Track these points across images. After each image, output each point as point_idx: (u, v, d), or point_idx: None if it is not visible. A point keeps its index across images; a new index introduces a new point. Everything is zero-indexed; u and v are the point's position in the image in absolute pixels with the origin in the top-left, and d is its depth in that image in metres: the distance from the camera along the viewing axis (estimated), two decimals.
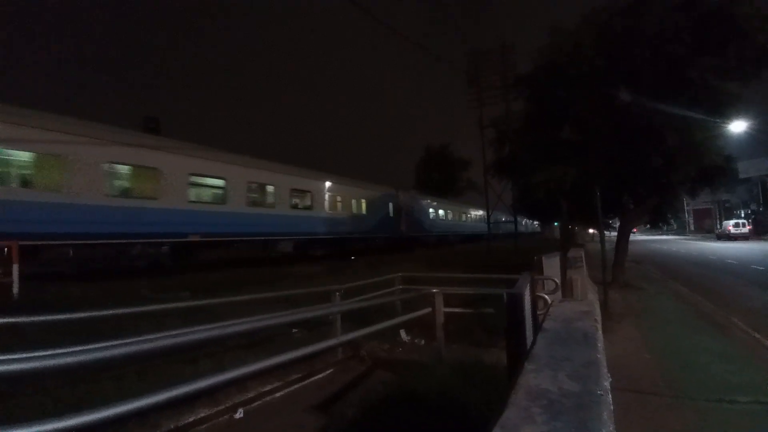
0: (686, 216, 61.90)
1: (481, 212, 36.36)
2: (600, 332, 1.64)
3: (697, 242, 35.36)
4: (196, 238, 11.39)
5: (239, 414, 3.48)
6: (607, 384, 1.04)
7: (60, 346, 2.36)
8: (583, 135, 9.79)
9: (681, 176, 9.20)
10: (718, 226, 43.05)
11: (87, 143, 9.15)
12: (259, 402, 3.76)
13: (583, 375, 1.07)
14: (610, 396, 1.01)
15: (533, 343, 1.40)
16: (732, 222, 36.40)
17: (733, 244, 28.95)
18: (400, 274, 6.80)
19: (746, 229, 34.43)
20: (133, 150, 10.07)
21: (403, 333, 5.62)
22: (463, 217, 35.39)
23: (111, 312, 3.44)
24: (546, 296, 3.39)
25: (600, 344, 1.36)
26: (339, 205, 18.15)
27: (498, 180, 22.04)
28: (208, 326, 2.87)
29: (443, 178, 44.63)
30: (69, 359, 1.95)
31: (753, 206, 47.47)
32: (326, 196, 17.04)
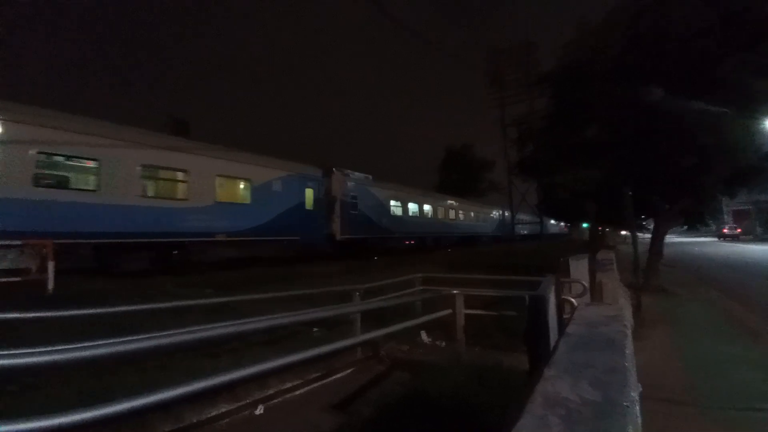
0: (725, 216, 58.67)
1: (494, 211, 35.10)
2: (629, 338, 1.54)
3: (735, 245, 33.50)
4: None
5: (260, 410, 3.52)
6: (634, 394, 0.97)
7: (74, 341, 2.45)
8: (609, 134, 9.45)
9: (713, 176, 8.74)
10: (756, 228, 49.15)
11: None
12: (278, 399, 3.79)
13: (606, 383, 1.00)
14: (638, 407, 0.94)
15: (555, 348, 1.34)
16: (727, 226, 47.12)
17: None
18: (420, 274, 6.74)
19: (737, 231, 45.29)
20: None
21: (423, 334, 5.56)
22: (456, 215, 28.36)
23: (137, 307, 3.55)
24: (572, 300, 3.28)
25: (628, 351, 1.27)
26: (160, 187, 11.04)
27: (522, 180, 21.32)
28: (228, 323, 2.91)
29: (464, 179, 44.13)
30: (84, 353, 2.01)
31: None
32: (120, 170, 9.79)
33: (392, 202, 20.63)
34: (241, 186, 13.08)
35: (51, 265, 6.89)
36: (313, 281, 9.46)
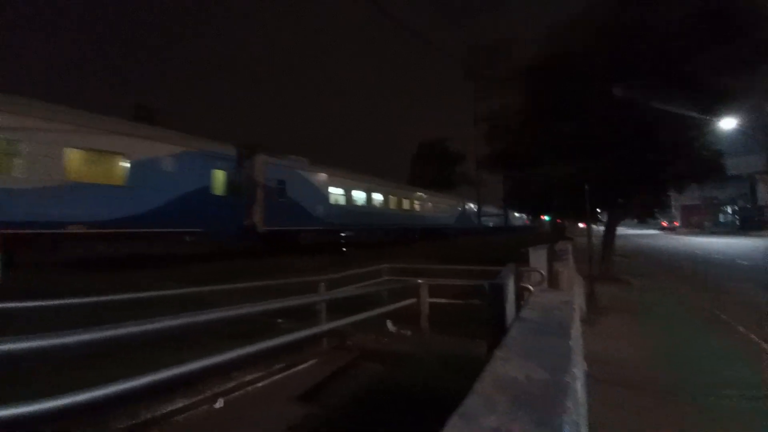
0: (674, 212, 62.64)
1: (457, 203, 34.10)
2: (577, 322, 1.61)
3: (685, 237, 35.95)
4: None
5: (219, 403, 3.43)
6: (576, 371, 1.00)
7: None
8: (579, 129, 9.80)
9: (671, 172, 9.27)
10: (706, 222, 51.50)
11: None
12: (240, 392, 3.72)
13: (553, 363, 1.03)
14: (579, 383, 0.98)
15: (508, 329, 1.37)
16: (665, 220, 52.28)
17: (719, 239, 29.47)
18: (386, 265, 6.77)
19: (675, 225, 51.83)
20: None
21: (389, 324, 5.61)
22: (413, 206, 25.72)
23: (92, 299, 3.35)
24: (530, 287, 3.39)
25: (574, 333, 1.32)
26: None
27: (490, 173, 21.71)
28: (184, 314, 2.81)
29: (438, 172, 44.66)
30: (38, 343, 1.88)
31: (741, 203, 48.16)
32: None
33: (332, 190, 17.66)
34: (112, 162, 10.08)
35: None
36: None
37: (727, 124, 10.18)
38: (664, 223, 51.93)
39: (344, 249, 17.54)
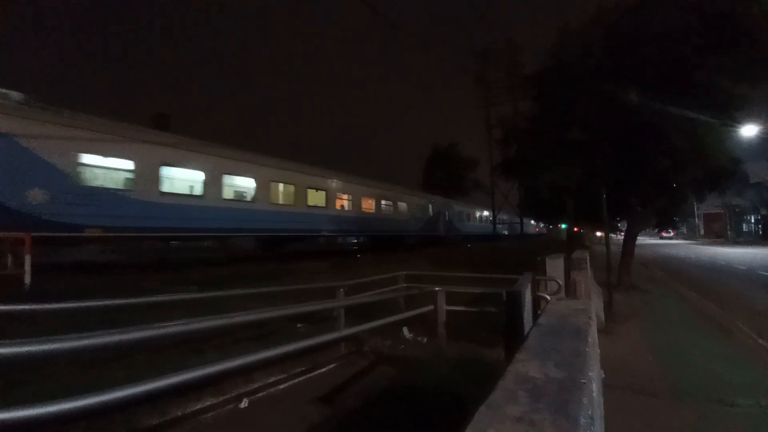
0: (696, 220, 61.07)
1: (426, 202, 25.85)
2: (593, 327, 1.69)
3: (707, 247, 35.00)
4: None
5: (244, 403, 3.57)
6: (592, 374, 1.09)
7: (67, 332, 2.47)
8: (590, 135, 9.77)
9: (687, 178, 9.14)
10: (728, 231, 50.25)
11: None
12: (263, 393, 3.85)
13: (569, 364, 1.13)
14: (593, 384, 1.07)
15: (527, 335, 1.46)
16: (664, 230, 50.81)
17: (743, 250, 28.61)
18: (404, 272, 6.87)
19: (671, 234, 55.43)
20: None
21: (405, 330, 5.69)
22: (346, 204, 18.16)
23: (124, 301, 3.56)
24: (547, 296, 3.45)
25: (590, 338, 1.41)
26: None
27: (504, 180, 21.56)
28: (214, 317, 2.96)
29: (449, 177, 44.50)
30: (75, 344, 2.05)
31: (763, 210, 46.69)
32: None
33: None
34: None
35: (27, 259, 6.73)
36: None
37: (749, 131, 10.00)
38: (663, 233, 55.27)
39: None
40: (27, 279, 6.66)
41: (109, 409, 2.47)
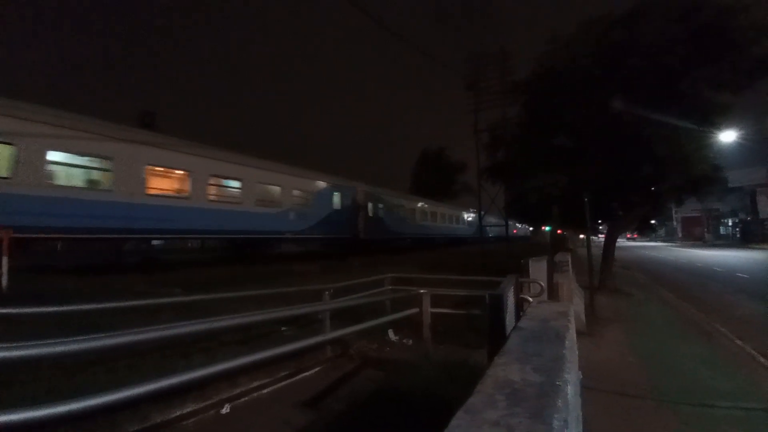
0: (675, 223, 62.78)
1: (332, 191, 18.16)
2: (572, 330, 1.72)
3: (685, 249, 35.96)
4: None
5: (226, 409, 3.52)
6: (568, 377, 1.12)
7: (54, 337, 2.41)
8: (576, 142, 9.96)
9: (669, 185, 9.39)
10: (706, 234, 52.24)
11: None
12: (246, 398, 3.81)
13: (547, 368, 1.15)
14: (570, 387, 1.09)
15: (507, 339, 1.48)
16: (629, 233, 51.05)
17: (718, 252, 29.49)
18: (390, 275, 6.88)
19: (635, 236, 55.51)
20: None
21: (391, 333, 5.69)
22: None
23: (111, 305, 3.48)
24: (530, 299, 3.50)
25: (569, 341, 1.44)
26: None
27: (492, 184, 21.65)
28: (197, 321, 2.92)
29: (439, 181, 44.89)
30: (59, 348, 2.00)
31: (741, 215, 48.25)
32: None
33: None
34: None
35: (5, 260, 6.52)
36: None
37: (727, 137, 10.32)
38: (628, 234, 54.96)
39: None
40: (4, 281, 6.47)
41: (91, 414, 2.42)
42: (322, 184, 17.66)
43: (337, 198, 18.45)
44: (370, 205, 20.74)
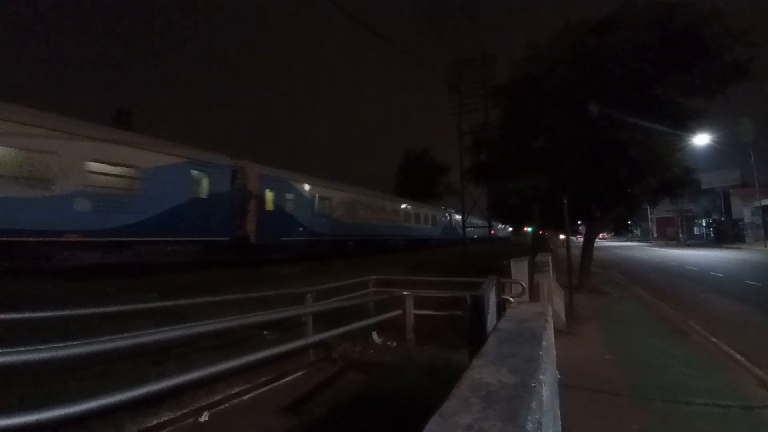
0: (649, 224, 64.85)
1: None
2: (550, 331, 1.74)
3: (660, 249, 37.12)
4: None
5: (204, 417, 3.44)
6: (543, 378, 1.13)
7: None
8: (555, 145, 10.18)
9: (643, 187, 9.68)
10: (681, 235, 53.52)
11: None
12: (226, 405, 3.73)
13: (522, 369, 1.16)
14: (545, 387, 1.10)
15: (485, 341, 1.49)
16: (603, 234, 56.04)
17: (692, 251, 30.56)
18: (374, 276, 6.86)
19: (606, 236, 51.76)
20: None
21: (375, 335, 5.68)
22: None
23: (80, 311, 3.35)
24: (511, 299, 3.54)
25: (545, 342, 1.45)
26: None
27: (474, 185, 21.81)
28: (173, 327, 2.84)
29: (423, 182, 45.18)
30: (28, 357, 1.91)
31: (714, 215, 50.14)
32: None
33: None
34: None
35: None
36: None
37: (701, 140, 10.70)
38: (601, 235, 61.73)
39: None
40: None
41: (61, 424, 2.31)
42: (166, 158, 11.52)
43: (203, 182, 12.67)
44: (269, 195, 15.15)
